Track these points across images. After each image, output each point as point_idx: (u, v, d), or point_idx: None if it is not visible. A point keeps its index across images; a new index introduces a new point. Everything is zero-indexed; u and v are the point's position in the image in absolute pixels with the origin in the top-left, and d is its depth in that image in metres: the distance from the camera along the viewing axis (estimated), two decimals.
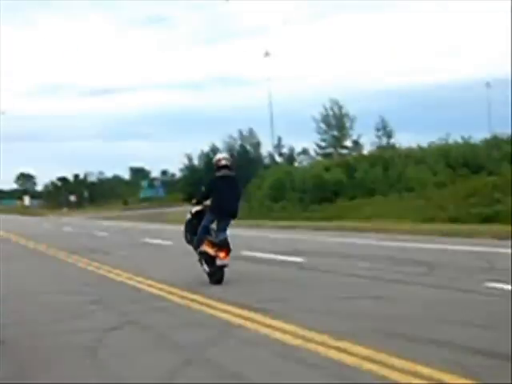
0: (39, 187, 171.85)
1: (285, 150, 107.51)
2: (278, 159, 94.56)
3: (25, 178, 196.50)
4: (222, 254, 11.14)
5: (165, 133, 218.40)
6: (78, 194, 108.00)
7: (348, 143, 74.79)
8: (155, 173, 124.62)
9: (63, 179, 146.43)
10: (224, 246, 11.27)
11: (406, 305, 8.32)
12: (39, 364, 6.44)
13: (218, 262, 11.18)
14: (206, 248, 11.37)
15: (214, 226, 11.58)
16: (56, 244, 23.48)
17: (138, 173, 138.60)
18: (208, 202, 11.65)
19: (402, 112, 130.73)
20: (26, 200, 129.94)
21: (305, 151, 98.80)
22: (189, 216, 12.20)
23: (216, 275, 11.22)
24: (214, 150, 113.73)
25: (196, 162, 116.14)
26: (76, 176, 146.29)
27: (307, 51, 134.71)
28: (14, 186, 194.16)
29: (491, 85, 75.95)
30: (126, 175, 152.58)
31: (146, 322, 8.17)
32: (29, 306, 10.21)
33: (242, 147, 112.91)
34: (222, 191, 11.42)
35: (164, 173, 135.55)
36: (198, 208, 11.97)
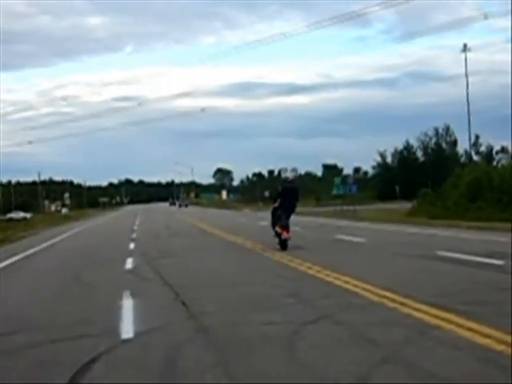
0: (235, 182, 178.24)
1: (482, 149, 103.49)
2: (475, 158, 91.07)
3: (222, 173, 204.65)
4: (285, 233, 18.79)
5: (358, 130, 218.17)
6: (272, 189, 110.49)
7: None
8: (348, 170, 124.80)
9: (258, 175, 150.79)
10: (286, 228, 18.87)
11: None
12: (239, 352, 6.66)
13: (283, 237, 18.77)
14: (278, 229, 19.08)
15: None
16: (252, 237, 24.19)
17: (331, 170, 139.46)
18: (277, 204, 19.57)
19: None
20: (224, 194, 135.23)
21: (504, 149, 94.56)
22: (271, 210, 20.15)
23: (282, 244, 18.66)
24: (408, 148, 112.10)
25: (389, 159, 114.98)
26: (270, 172, 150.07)
27: (508, 46, 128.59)
28: (212, 181, 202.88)
29: None
30: (319, 172, 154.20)
31: (341, 317, 8.21)
32: (228, 296, 10.59)
33: (438, 145, 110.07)
34: (287, 197, 19.52)
35: (357, 170, 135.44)
36: (276, 205, 19.72)
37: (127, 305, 10.10)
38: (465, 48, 62.25)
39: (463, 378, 5.40)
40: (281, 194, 19.91)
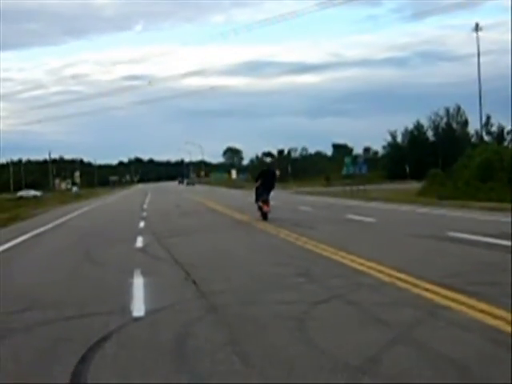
0: (245, 161, 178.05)
1: (494, 129, 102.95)
2: (486, 138, 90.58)
3: (232, 153, 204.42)
4: (265, 207, 22.91)
5: (369, 110, 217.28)
6: (282, 169, 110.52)
7: None
8: (358, 150, 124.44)
9: (268, 154, 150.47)
10: (267, 202, 23.01)
11: None
12: (249, 331, 6.69)
13: (264, 210, 22.92)
14: (260, 203, 23.23)
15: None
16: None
17: (341, 149, 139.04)
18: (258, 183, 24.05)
19: None
20: (233, 173, 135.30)
21: None
22: (255, 189, 24.15)
23: (264, 216, 22.72)
24: (419, 128, 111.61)
25: (399, 139, 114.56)
26: (280, 151, 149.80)
27: None
28: (221, 160, 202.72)
29: None
30: (329, 151, 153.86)
31: (352, 297, 8.21)
32: (238, 275, 10.61)
33: (448, 125, 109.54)
34: (266, 178, 23.95)
35: (367, 150, 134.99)
36: (257, 184, 23.95)
37: (138, 283, 10.15)
38: (477, 27, 61.75)
39: (473, 358, 5.41)
40: (261, 176, 24.29)
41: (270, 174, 24.46)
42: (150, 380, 5.26)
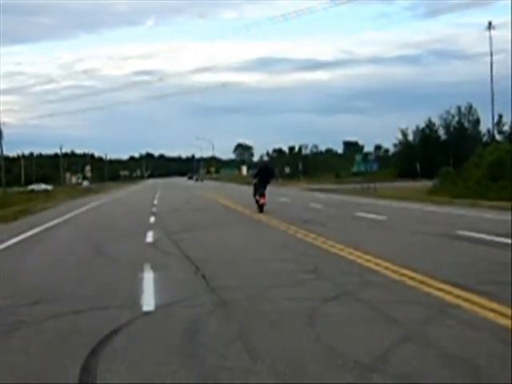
0: (255, 158, 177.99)
1: (506, 128, 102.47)
2: (498, 137, 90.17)
3: (242, 149, 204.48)
4: (262, 199, 25.31)
5: (380, 107, 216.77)
6: (292, 165, 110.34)
7: None
8: (369, 147, 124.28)
9: (279, 151, 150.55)
10: (263, 195, 25.44)
11: None
12: (258, 327, 6.70)
13: (260, 202, 25.34)
14: (257, 197, 25.67)
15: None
16: (272, 214, 24.19)
17: (352, 147, 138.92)
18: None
19: None
20: (244, 170, 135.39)
21: None
22: (253, 185, 26.64)
23: (260, 208, 25.13)
24: (430, 126, 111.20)
25: (411, 137, 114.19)
26: (291, 148, 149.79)
27: None
28: (232, 156, 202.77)
29: None
30: (340, 149, 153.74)
31: (361, 295, 8.20)
32: (249, 271, 10.62)
33: (460, 124, 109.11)
34: (263, 174, 26.36)
35: (378, 148, 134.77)
36: (255, 181, 26.42)
37: (148, 277, 10.17)
38: (489, 26, 61.49)
39: (484, 358, 5.39)
40: (259, 173, 26.81)
41: (267, 170, 27.20)
42: (160, 373, 5.27)
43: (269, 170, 27.52)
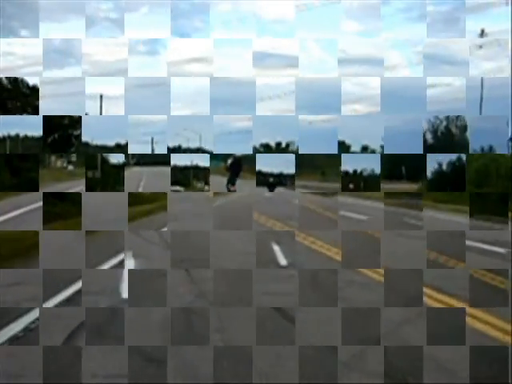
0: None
1: None
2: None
3: None
4: (232, 187, 29.43)
5: (368, 108, 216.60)
6: None
7: None
8: (355, 148, 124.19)
9: (266, 146, 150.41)
10: (234, 185, 29.62)
11: None
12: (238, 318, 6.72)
13: (231, 190, 29.42)
14: (229, 185, 29.68)
15: None
16: (258, 209, 24.12)
17: (338, 146, 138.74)
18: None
19: None
20: (229, 162, 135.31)
21: None
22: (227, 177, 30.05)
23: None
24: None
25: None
26: (278, 144, 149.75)
27: None
28: None
29: None
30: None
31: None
32: (226, 264, 10.63)
33: (447, 129, 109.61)
34: (234, 167, 31.09)
35: (364, 148, 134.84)
36: (229, 173, 30.20)
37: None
38: (482, 33, 61.70)
39: None
40: (232, 166, 31.82)
41: (237, 164, 32.85)
42: None
43: (240, 165, 32.97)
